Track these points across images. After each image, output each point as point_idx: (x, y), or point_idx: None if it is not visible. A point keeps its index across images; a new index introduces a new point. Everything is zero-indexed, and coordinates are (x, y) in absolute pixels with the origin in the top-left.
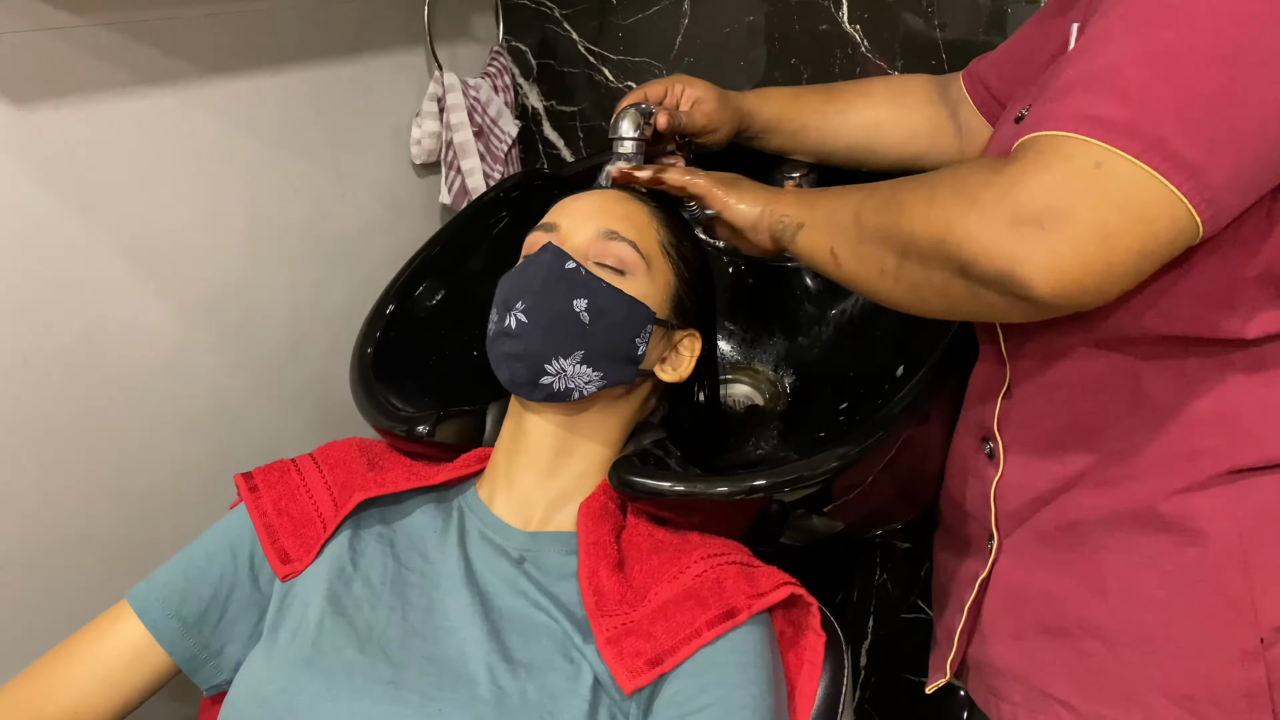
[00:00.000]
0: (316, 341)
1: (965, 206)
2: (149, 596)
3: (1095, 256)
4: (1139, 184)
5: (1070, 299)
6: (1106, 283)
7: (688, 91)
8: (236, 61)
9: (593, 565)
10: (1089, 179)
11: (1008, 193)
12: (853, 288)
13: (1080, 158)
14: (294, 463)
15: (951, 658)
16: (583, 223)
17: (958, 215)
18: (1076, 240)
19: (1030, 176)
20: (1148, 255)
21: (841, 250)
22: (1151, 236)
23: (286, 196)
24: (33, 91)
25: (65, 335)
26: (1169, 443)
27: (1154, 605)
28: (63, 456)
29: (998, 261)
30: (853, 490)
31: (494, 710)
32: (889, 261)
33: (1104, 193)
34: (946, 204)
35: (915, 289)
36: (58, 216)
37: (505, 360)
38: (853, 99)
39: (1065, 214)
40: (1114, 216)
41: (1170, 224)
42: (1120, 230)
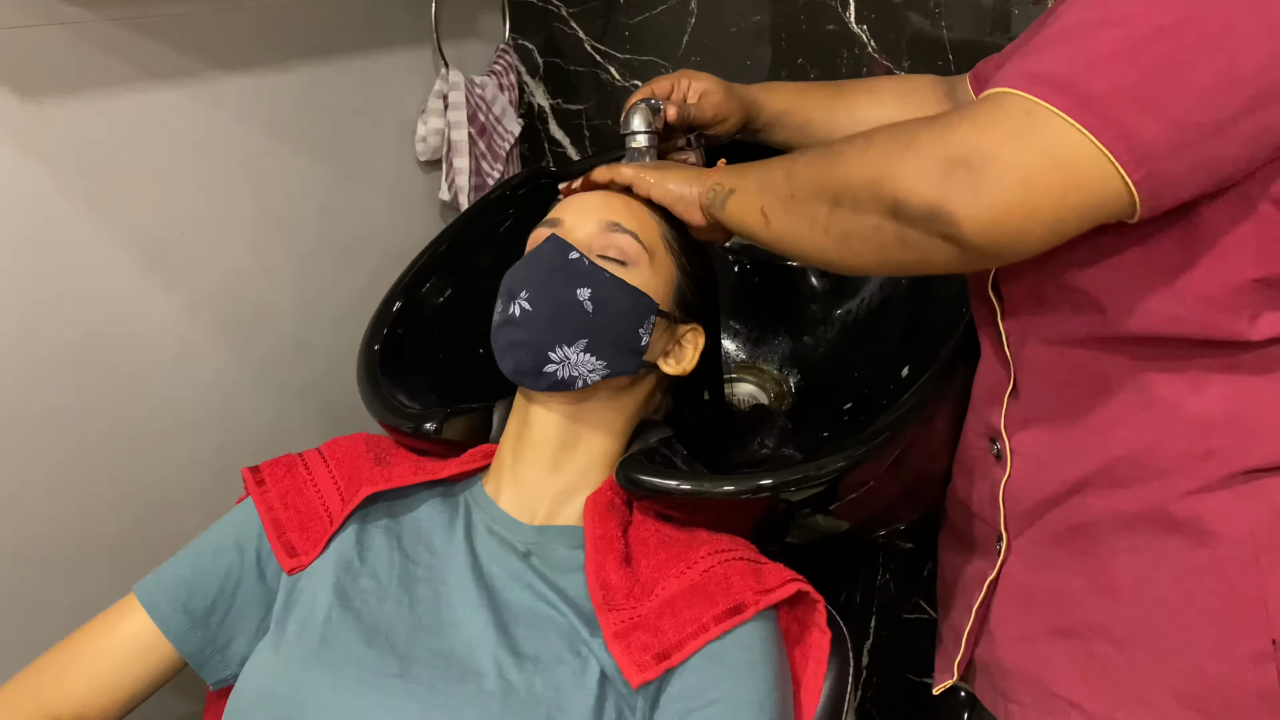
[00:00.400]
0: (322, 337)
1: (901, 148)
2: (156, 590)
3: (1017, 199)
4: (1061, 133)
5: (993, 240)
6: (1028, 226)
7: (694, 85)
8: (245, 57)
9: (600, 559)
10: (1016, 125)
11: (942, 135)
12: (781, 247)
13: (1012, 108)
14: (301, 457)
15: (959, 659)
16: (586, 216)
17: (894, 155)
18: (999, 180)
19: (965, 122)
20: (1071, 206)
21: (772, 208)
22: (1074, 187)
23: (293, 192)
24: (43, 86)
25: (73, 329)
26: (1179, 444)
27: (1165, 607)
28: (70, 450)
29: (927, 196)
30: (859, 490)
31: (501, 704)
32: (820, 212)
33: (1028, 139)
34: (883, 147)
35: (845, 237)
36: (66, 211)
37: (509, 349)
38: (859, 96)
39: (991, 155)
40: (1035, 161)
41: (1096, 178)
42: (1041, 174)
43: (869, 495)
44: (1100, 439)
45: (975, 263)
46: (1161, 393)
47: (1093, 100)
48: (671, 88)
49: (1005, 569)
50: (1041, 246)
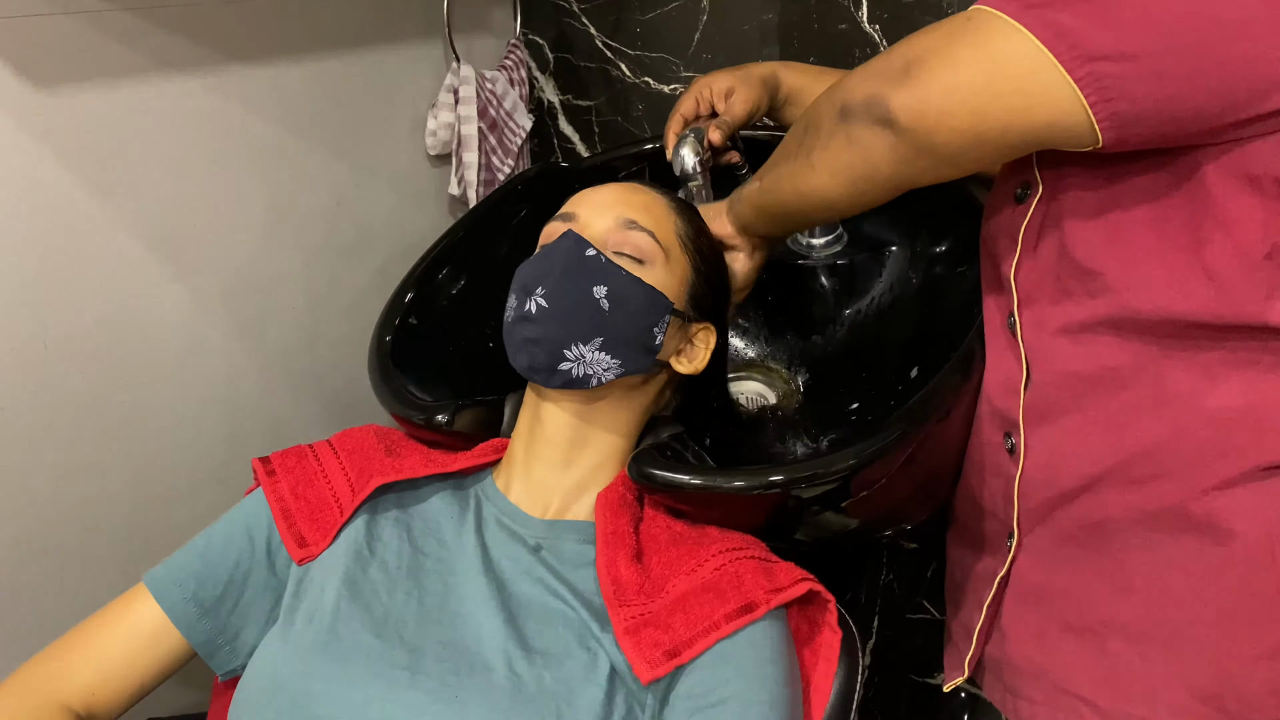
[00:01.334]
0: (332, 328)
1: (859, 70)
2: (166, 579)
3: (944, 82)
4: (997, 29)
5: (920, 123)
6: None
7: (716, 88)
8: (258, 49)
9: (611, 555)
10: (960, 25)
11: (898, 47)
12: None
13: (959, 16)
14: (311, 448)
15: (970, 656)
16: (602, 212)
17: (851, 75)
18: (930, 67)
19: (915, 35)
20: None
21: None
22: (1006, 79)
23: (304, 184)
24: (57, 74)
25: (83, 319)
26: (1195, 440)
27: (1180, 604)
28: (80, 439)
29: (866, 90)
30: (870, 488)
31: (510, 697)
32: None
33: (963, 35)
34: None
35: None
36: (78, 200)
37: (524, 345)
38: None
39: (930, 49)
40: (966, 52)
41: (1030, 76)
42: (969, 63)
43: (880, 493)
44: (1116, 434)
45: (916, 152)
46: (1178, 387)
47: (1038, 4)
48: (696, 104)
49: (1016, 566)
50: (982, 144)
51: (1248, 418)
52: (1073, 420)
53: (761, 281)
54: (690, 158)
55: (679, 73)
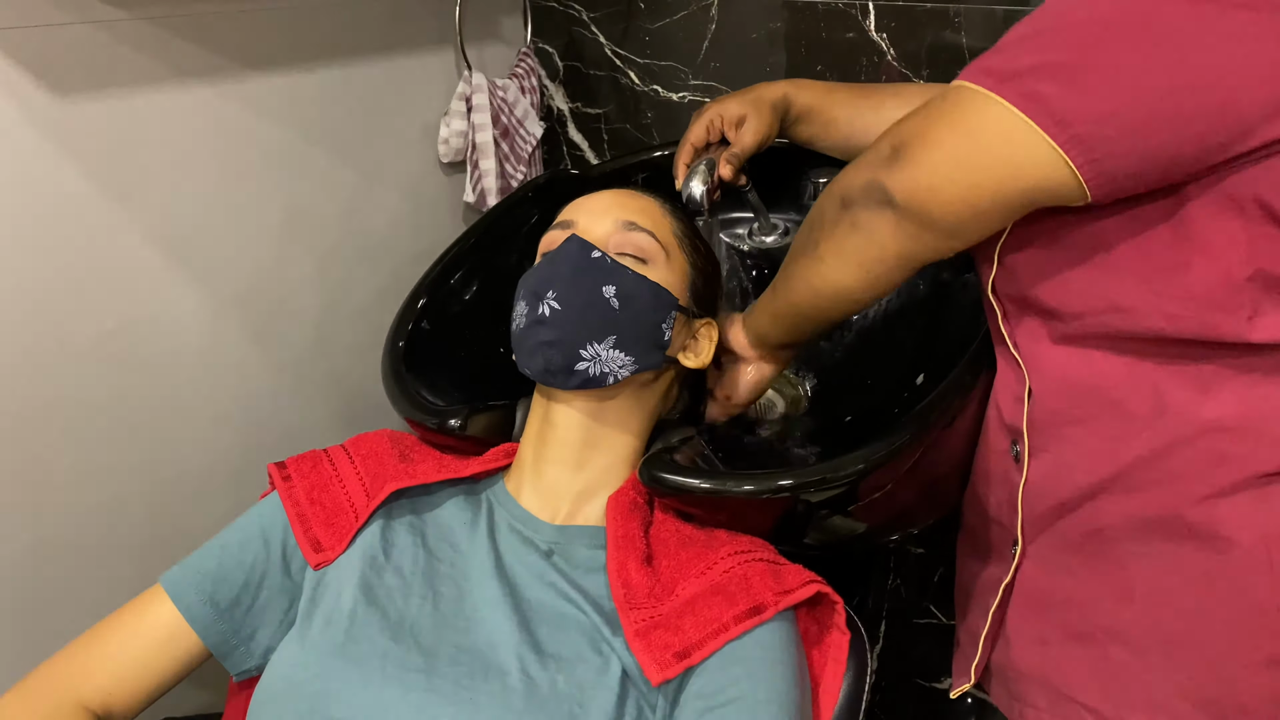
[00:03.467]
0: (344, 335)
1: (855, 164)
2: (182, 581)
3: (938, 164)
4: (981, 107)
5: (921, 203)
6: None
7: (727, 116)
8: (272, 58)
9: (621, 558)
10: (943, 108)
11: (885, 135)
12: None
13: (946, 97)
14: (326, 453)
15: (976, 662)
16: (600, 217)
17: (848, 170)
18: (922, 151)
19: (906, 121)
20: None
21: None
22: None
23: (318, 192)
24: (76, 83)
25: (100, 324)
26: (1193, 449)
27: (1180, 612)
28: (96, 443)
29: (865, 176)
30: (878, 492)
31: (524, 700)
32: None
33: (944, 114)
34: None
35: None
36: (96, 206)
37: (539, 349)
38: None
39: (919, 134)
40: (947, 131)
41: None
42: (959, 144)
43: (887, 498)
44: (1114, 444)
45: (919, 229)
46: (1174, 397)
47: (1015, 77)
48: (706, 131)
49: (1020, 573)
50: (983, 216)
51: (1244, 427)
52: (1074, 430)
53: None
54: (699, 189)
55: (687, 80)
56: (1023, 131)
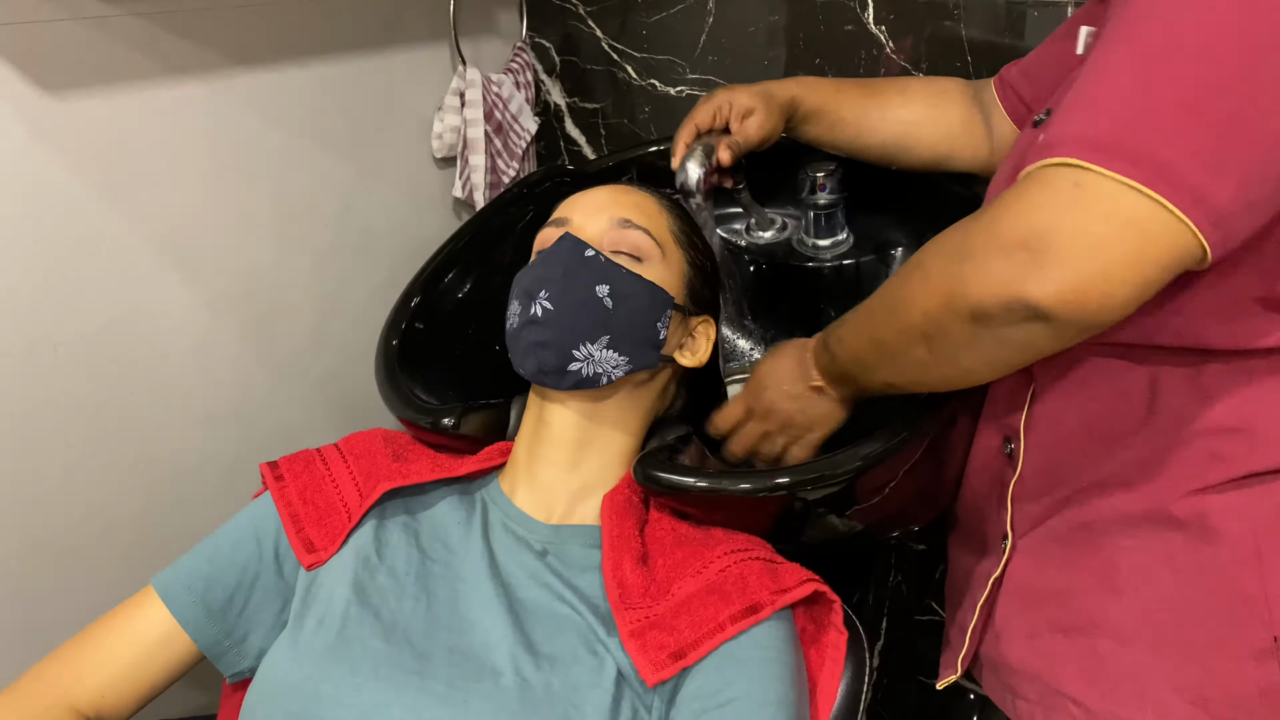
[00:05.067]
0: (339, 332)
1: (958, 261)
2: (174, 582)
3: (1090, 267)
4: (1123, 197)
5: (1080, 309)
6: (1110, 288)
7: (735, 106)
8: (264, 54)
9: (616, 558)
10: (1068, 197)
11: (990, 229)
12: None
13: (1060, 180)
14: (319, 453)
15: (962, 655)
16: (595, 214)
17: (954, 273)
18: (1066, 253)
19: (1009, 209)
20: (1148, 264)
21: (890, 375)
22: (1148, 246)
23: (311, 188)
24: (66, 80)
25: (92, 323)
26: (1186, 450)
27: (1168, 604)
28: (88, 443)
29: (1000, 293)
30: (875, 491)
31: (518, 702)
32: (921, 354)
33: (1085, 207)
34: (941, 269)
35: (954, 360)
36: (87, 204)
37: (532, 349)
38: (891, 95)
39: (1049, 231)
40: (1099, 227)
41: (1167, 238)
42: (1108, 239)
43: (885, 496)
44: (1112, 445)
45: (1079, 333)
46: (1175, 402)
47: (1166, 167)
48: (713, 116)
49: (1010, 567)
50: (1134, 304)
51: (1240, 428)
52: (1072, 429)
53: (768, 283)
54: (695, 172)
55: (685, 75)
56: (1167, 222)
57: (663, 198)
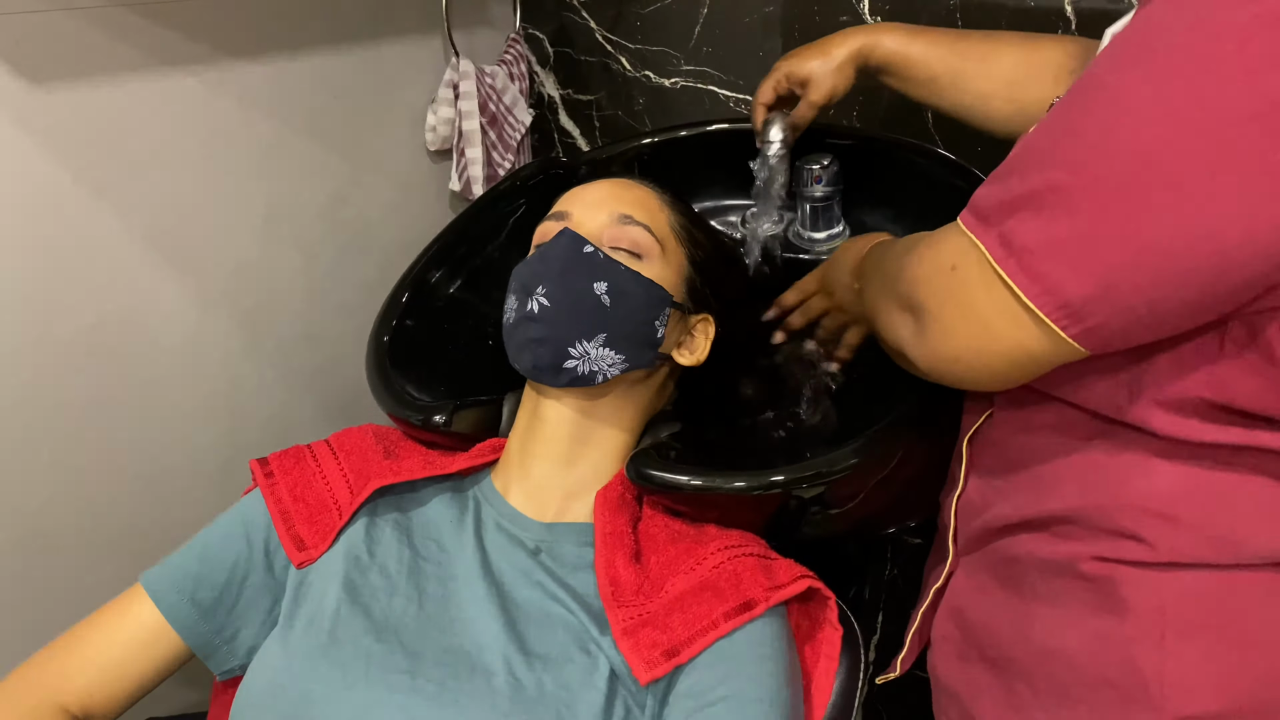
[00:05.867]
0: (331, 327)
1: (884, 292)
2: (163, 581)
3: (954, 352)
4: (991, 292)
5: (946, 377)
6: (976, 367)
7: (794, 76)
8: (255, 45)
9: (609, 555)
10: (952, 281)
11: (895, 280)
12: None
13: (948, 249)
14: (310, 449)
15: (902, 657)
16: (595, 209)
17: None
18: (929, 332)
19: (908, 269)
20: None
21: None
22: (1009, 342)
23: (303, 181)
24: (54, 71)
25: (81, 317)
26: (1116, 520)
27: (1071, 664)
28: (77, 439)
29: (890, 336)
30: (871, 487)
31: (510, 702)
32: None
33: (950, 292)
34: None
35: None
36: (76, 198)
37: (528, 345)
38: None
39: (923, 308)
40: (964, 325)
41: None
42: (974, 335)
43: (881, 492)
44: (1043, 491)
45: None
46: (1109, 468)
47: (1024, 255)
48: (775, 90)
49: (951, 582)
50: (1001, 382)
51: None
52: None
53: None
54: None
55: (679, 66)
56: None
57: (664, 192)
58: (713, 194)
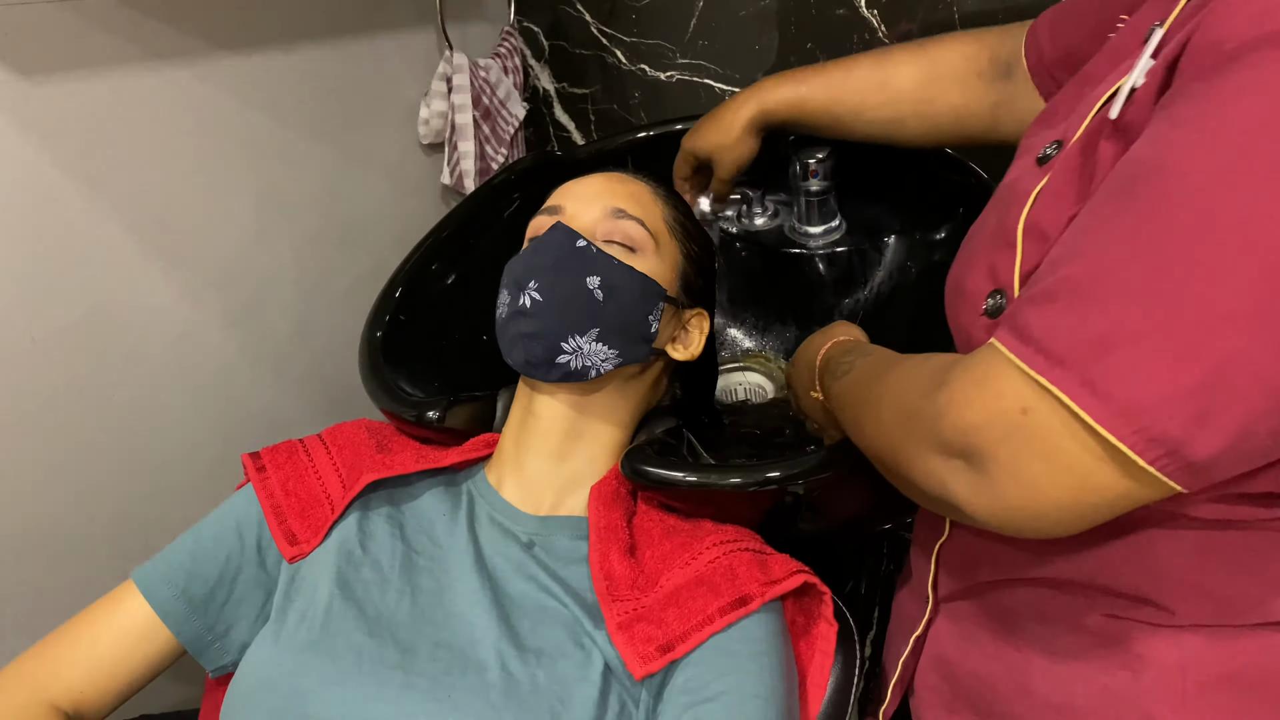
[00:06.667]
0: (324, 321)
1: (904, 433)
2: (155, 576)
3: (1022, 504)
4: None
5: (1009, 527)
6: (1045, 516)
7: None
8: (248, 38)
9: (604, 549)
10: (1013, 422)
11: (935, 425)
12: None
13: (1010, 391)
14: (302, 443)
15: (885, 708)
16: (589, 203)
17: (899, 442)
18: (996, 483)
19: (954, 411)
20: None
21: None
22: (1094, 489)
23: (296, 175)
24: (43, 64)
25: (72, 312)
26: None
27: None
28: (68, 433)
29: (935, 488)
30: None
31: (503, 696)
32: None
33: (1026, 439)
34: (891, 430)
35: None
36: (66, 191)
37: (520, 340)
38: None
39: (985, 456)
40: (1036, 466)
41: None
42: (1051, 484)
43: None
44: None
45: None
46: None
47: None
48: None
49: (933, 630)
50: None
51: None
52: None
53: (760, 271)
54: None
55: (675, 59)
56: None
57: (659, 186)
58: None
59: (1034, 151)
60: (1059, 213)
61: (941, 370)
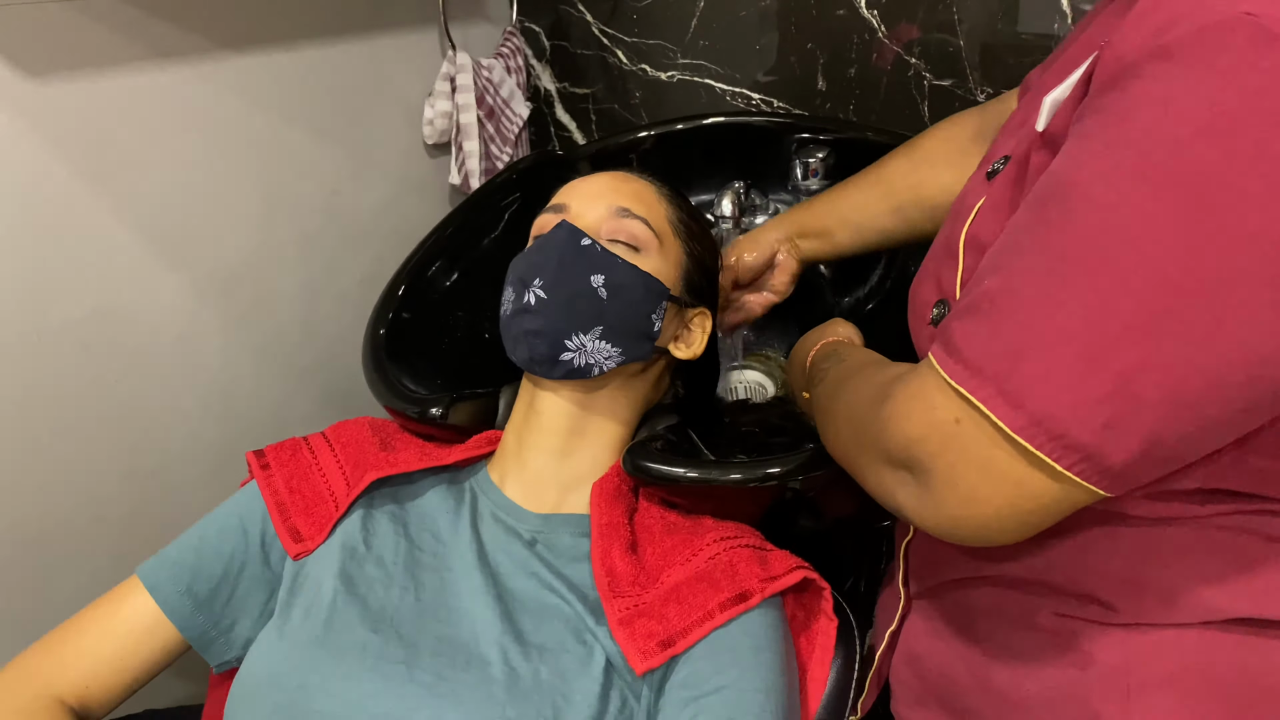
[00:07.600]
0: (328, 319)
1: (857, 444)
2: (160, 572)
3: (965, 513)
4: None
5: (957, 535)
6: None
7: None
8: (252, 38)
9: (605, 546)
10: (949, 433)
11: (879, 437)
12: None
13: (944, 405)
14: (306, 441)
15: (863, 699)
16: (593, 202)
17: (853, 453)
18: (939, 494)
19: (894, 424)
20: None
21: None
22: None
23: (300, 174)
24: (47, 64)
25: (76, 310)
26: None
27: (1031, 714)
28: (73, 432)
29: (885, 498)
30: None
31: (506, 691)
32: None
33: (961, 449)
34: (848, 439)
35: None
36: (70, 190)
37: (524, 337)
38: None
39: (927, 467)
40: (973, 476)
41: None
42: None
43: None
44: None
45: None
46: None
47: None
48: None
49: (906, 625)
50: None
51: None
52: None
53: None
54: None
55: (676, 59)
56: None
57: (662, 186)
58: (709, 187)
59: (986, 165)
60: (997, 225)
61: (888, 384)
